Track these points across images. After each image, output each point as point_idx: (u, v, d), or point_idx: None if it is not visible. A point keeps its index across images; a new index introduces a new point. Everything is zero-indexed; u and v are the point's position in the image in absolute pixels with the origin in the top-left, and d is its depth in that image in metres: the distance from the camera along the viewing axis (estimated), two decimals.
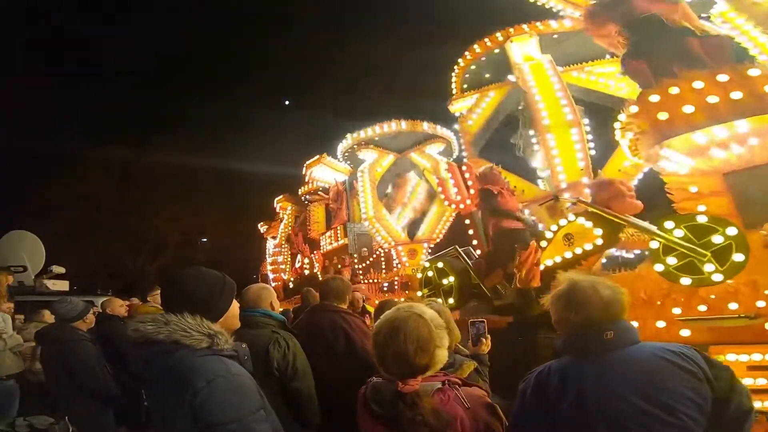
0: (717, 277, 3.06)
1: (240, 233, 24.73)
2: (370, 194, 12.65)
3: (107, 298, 5.09)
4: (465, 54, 7.35)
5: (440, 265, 5.36)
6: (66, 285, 8.09)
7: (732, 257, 3.05)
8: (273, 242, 19.63)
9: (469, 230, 6.44)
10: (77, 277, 12.10)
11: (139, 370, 1.53)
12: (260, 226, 21.13)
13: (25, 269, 7.79)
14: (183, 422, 1.33)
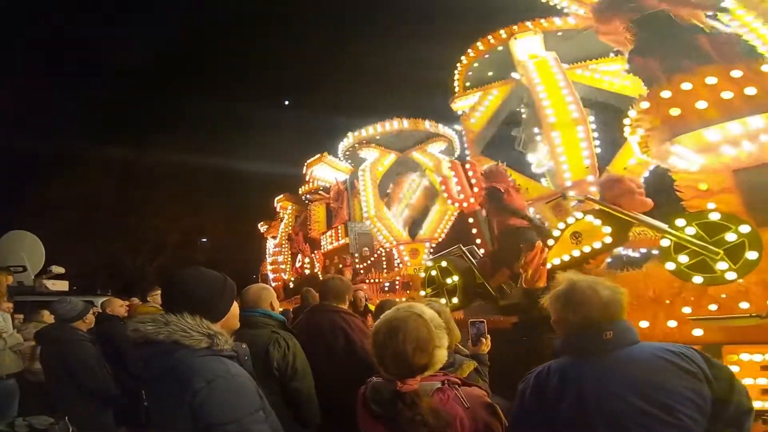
0: (730, 276, 3.01)
1: (240, 233, 24.73)
2: (372, 193, 12.60)
3: (107, 299, 5.06)
4: (468, 51, 7.30)
5: (444, 265, 5.31)
6: (65, 285, 8.06)
7: (745, 255, 3.00)
8: (273, 242, 19.60)
9: (473, 229, 6.37)
10: (77, 277, 12.07)
11: (139, 371, 1.53)
12: (260, 226, 21.10)
13: (25, 269, 7.75)
14: (183, 422, 1.33)
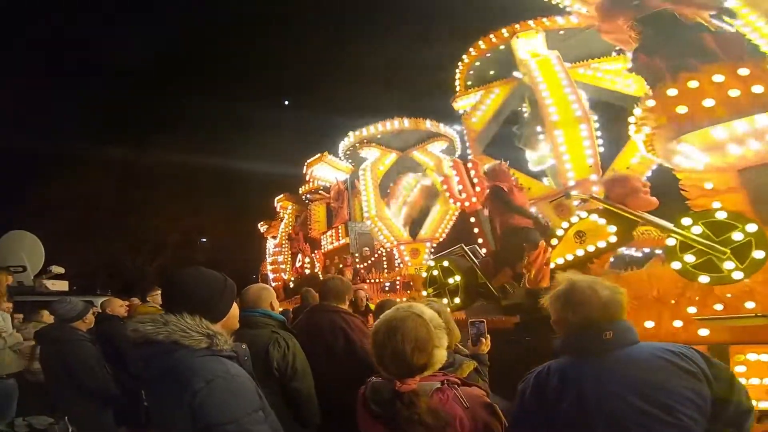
0: (737, 275, 2.98)
1: (240, 233, 24.74)
2: (373, 193, 12.56)
3: (107, 299, 5.05)
4: (470, 50, 7.27)
5: (446, 264, 5.28)
6: (65, 285, 8.06)
7: (752, 254, 2.97)
8: (273, 242, 19.58)
9: (474, 228, 6.35)
10: (77, 278, 12.06)
11: (138, 371, 1.54)
12: (260, 226, 21.09)
13: (25, 269, 7.74)
14: (182, 422, 1.33)
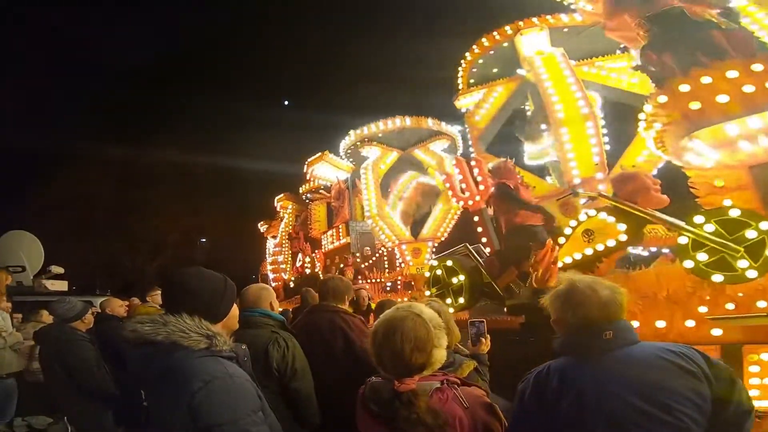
0: (751, 274, 2.93)
1: (240, 233, 24.68)
2: (374, 192, 12.47)
3: (106, 299, 5.02)
4: (473, 48, 7.19)
5: (450, 264, 5.21)
6: (65, 285, 8.03)
7: (765, 252, 2.93)
8: (273, 242, 19.51)
9: (478, 227, 6.27)
10: (76, 277, 11.99)
11: (137, 371, 1.52)
12: (260, 226, 21.00)
13: (24, 269, 7.71)
14: (182, 423, 1.33)
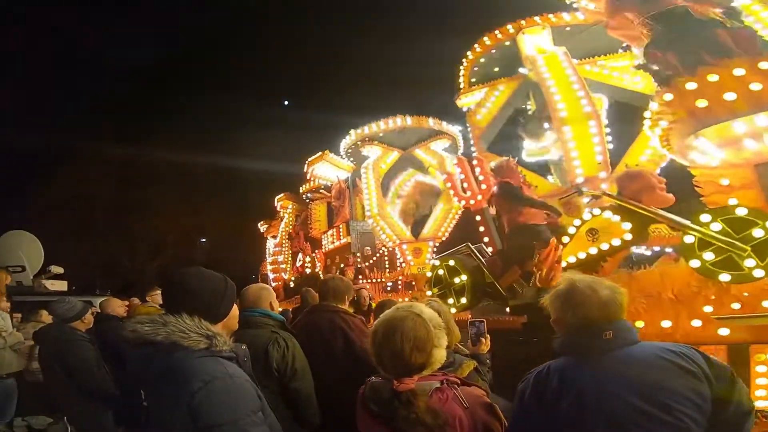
0: (758, 273, 2.90)
1: (240, 233, 24.64)
2: (375, 191, 12.43)
3: (106, 299, 5.00)
4: (474, 47, 7.15)
5: (452, 263, 5.18)
6: (64, 285, 8.02)
7: None
8: (273, 241, 19.47)
9: (480, 227, 6.24)
10: (76, 278, 11.96)
11: (137, 371, 1.51)
12: (260, 225, 20.96)
13: (24, 269, 7.69)
14: (181, 423, 1.33)
